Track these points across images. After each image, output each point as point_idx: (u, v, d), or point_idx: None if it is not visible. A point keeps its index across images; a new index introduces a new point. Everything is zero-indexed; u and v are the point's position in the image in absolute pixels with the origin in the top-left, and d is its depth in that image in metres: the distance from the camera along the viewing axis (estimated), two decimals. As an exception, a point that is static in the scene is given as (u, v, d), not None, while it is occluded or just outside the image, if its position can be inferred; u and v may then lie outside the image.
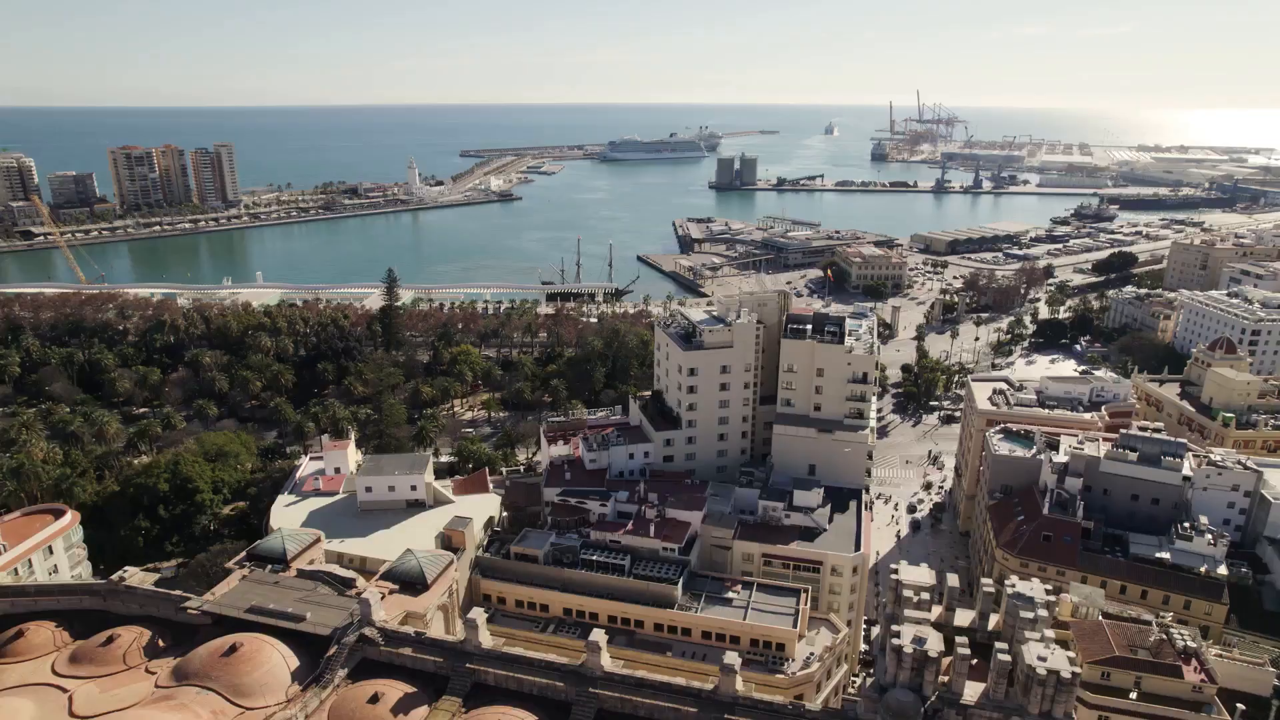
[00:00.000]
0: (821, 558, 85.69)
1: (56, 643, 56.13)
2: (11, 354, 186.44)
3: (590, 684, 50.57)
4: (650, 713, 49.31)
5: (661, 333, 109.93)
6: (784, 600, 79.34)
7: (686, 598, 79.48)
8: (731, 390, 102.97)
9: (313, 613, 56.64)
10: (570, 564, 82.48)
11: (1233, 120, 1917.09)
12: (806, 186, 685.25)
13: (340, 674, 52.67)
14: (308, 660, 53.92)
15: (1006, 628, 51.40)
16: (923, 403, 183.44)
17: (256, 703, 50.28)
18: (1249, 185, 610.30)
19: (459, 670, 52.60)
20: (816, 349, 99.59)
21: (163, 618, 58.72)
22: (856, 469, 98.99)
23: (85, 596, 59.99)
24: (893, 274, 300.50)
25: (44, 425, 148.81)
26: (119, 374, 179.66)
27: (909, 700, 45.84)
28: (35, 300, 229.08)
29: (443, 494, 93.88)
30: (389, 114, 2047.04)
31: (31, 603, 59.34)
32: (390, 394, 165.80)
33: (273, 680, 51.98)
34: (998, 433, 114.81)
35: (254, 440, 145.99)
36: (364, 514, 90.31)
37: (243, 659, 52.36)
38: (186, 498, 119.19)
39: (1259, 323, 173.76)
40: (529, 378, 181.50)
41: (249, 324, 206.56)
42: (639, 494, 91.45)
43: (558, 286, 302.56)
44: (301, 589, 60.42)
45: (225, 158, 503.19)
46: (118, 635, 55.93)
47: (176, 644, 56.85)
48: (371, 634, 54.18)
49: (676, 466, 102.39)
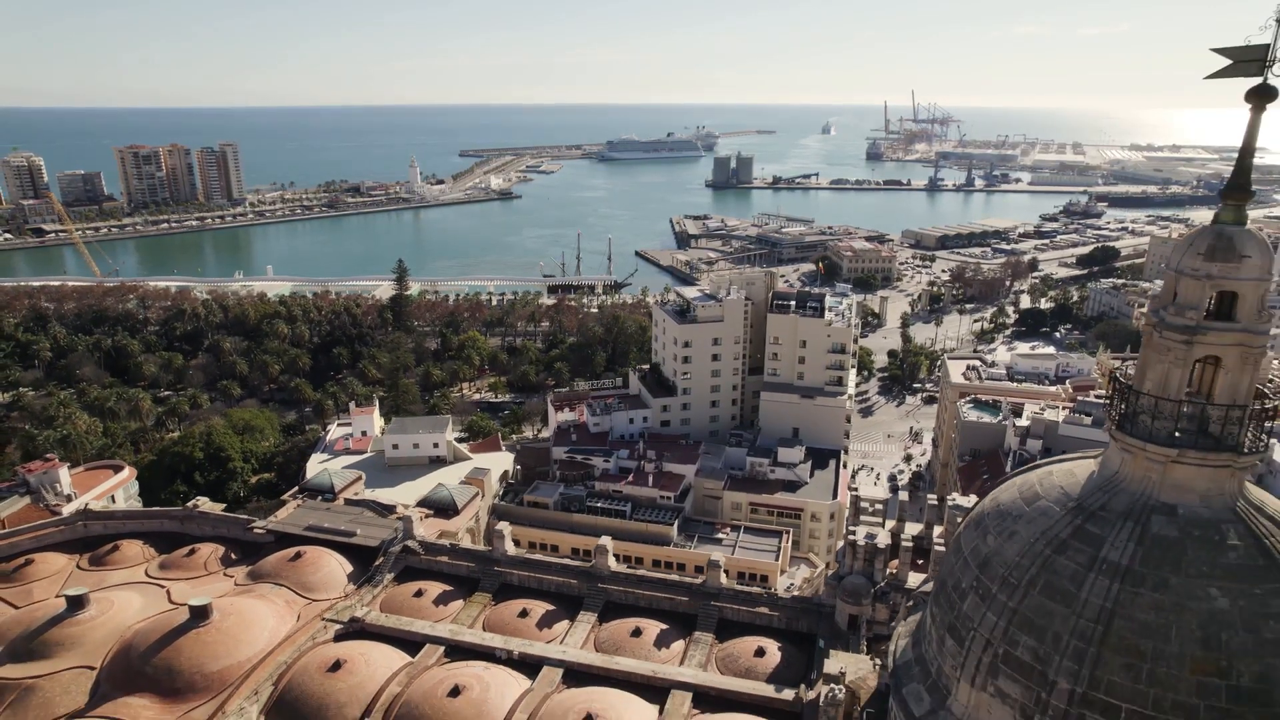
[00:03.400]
0: (802, 505, 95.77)
1: (145, 555, 66.00)
2: (41, 340, 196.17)
3: (599, 581, 60.42)
4: (650, 602, 59.16)
5: (659, 310, 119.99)
6: (768, 540, 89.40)
7: (681, 538, 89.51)
8: (722, 361, 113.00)
9: (361, 530, 66.57)
10: (577, 510, 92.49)
11: (1228, 120, 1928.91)
12: (802, 185, 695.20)
13: (388, 577, 62.52)
14: (359, 567, 63.82)
15: (947, 533, 61.38)
16: (906, 385, 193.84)
17: (320, 596, 60.17)
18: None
19: (488, 572, 62.48)
20: (799, 322, 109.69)
21: (232, 537, 68.55)
22: (836, 431, 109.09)
23: (165, 520, 69.83)
24: (882, 267, 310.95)
25: (79, 404, 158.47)
26: (144, 359, 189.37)
27: (862, 584, 55.77)
28: (59, 291, 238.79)
29: (461, 451, 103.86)
30: (387, 114, 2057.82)
31: (120, 525, 69.19)
32: (403, 374, 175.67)
33: (332, 580, 61.90)
34: (968, 402, 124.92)
35: (277, 417, 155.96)
36: (391, 468, 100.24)
37: (306, 563, 62.30)
38: (219, 465, 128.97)
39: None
40: (533, 362, 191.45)
41: (265, 312, 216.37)
42: (639, 451, 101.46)
43: (559, 280, 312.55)
44: (350, 513, 70.35)
45: (230, 156, 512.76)
46: (198, 549, 65.88)
47: (245, 557, 66.71)
48: (413, 545, 64.03)
49: (672, 430, 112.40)
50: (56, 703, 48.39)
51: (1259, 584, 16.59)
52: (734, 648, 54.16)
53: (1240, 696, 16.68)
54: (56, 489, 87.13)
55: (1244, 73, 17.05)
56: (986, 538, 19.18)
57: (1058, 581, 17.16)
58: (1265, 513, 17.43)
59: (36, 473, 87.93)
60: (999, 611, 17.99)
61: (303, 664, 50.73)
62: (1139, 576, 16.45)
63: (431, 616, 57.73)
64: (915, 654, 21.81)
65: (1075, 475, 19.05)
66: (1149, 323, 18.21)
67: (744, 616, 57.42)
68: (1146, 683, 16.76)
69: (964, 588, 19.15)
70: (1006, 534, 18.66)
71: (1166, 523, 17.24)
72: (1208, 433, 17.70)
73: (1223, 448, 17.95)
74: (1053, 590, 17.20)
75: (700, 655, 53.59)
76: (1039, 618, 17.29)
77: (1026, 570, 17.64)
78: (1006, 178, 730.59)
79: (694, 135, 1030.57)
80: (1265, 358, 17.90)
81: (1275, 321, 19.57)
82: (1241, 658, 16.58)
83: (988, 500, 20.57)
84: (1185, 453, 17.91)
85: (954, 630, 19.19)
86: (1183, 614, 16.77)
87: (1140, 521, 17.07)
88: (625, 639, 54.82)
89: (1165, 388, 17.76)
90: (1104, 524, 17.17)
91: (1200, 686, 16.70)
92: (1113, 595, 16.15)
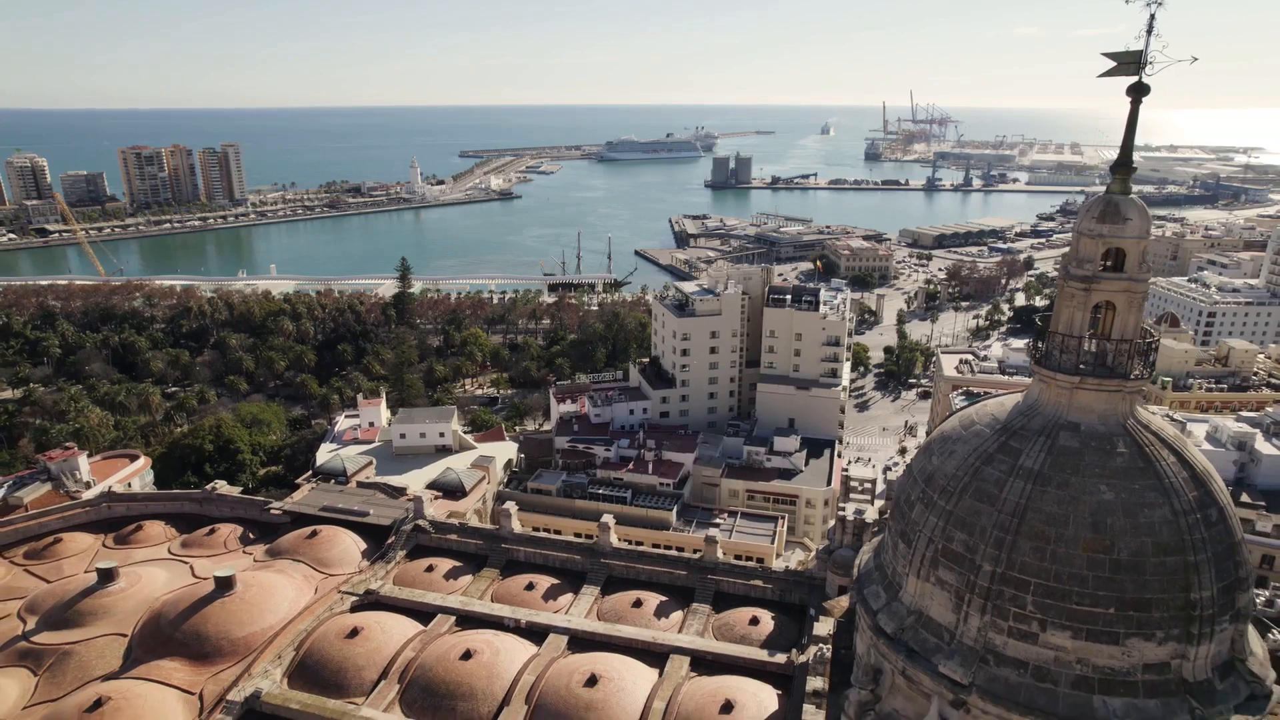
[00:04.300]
0: (797, 492, 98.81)
1: (167, 535, 68.99)
2: (50, 337, 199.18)
3: (602, 556, 63.45)
4: (650, 576, 62.17)
5: (658, 304, 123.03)
6: (764, 525, 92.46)
7: (680, 523, 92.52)
8: (720, 354, 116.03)
9: (374, 510, 69.62)
10: (580, 496, 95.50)
11: (1226, 120, 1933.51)
12: (800, 185, 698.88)
13: (400, 554, 65.49)
14: (373, 544, 66.83)
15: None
16: (902, 380, 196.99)
17: (336, 571, 63.18)
18: (1231, 183, 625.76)
19: (496, 549, 65.50)
20: (795, 316, 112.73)
21: (249, 518, 71.52)
22: (830, 421, 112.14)
23: (185, 502, 72.83)
24: (879, 266, 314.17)
25: (89, 399, 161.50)
26: (152, 355, 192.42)
27: (851, 556, 58.67)
28: (66, 290, 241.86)
29: (467, 441, 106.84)
30: (386, 115, 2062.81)
31: (143, 506, 72.17)
32: (407, 370, 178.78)
33: (347, 556, 64.94)
34: (960, 394, 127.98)
35: (283, 411, 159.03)
36: (398, 457, 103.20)
37: (322, 540, 65.37)
38: (229, 457, 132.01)
39: (1214, 305, 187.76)
40: (535, 358, 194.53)
41: (270, 310, 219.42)
42: (639, 441, 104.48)
43: (559, 278, 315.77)
44: (362, 495, 73.38)
45: (232, 157, 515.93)
46: (217, 528, 68.90)
47: (263, 537, 69.71)
48: (424, 524, 67.00)
49: (671, 421, 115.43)
50: (93, 665, 51.45)
51: (1137, 481, 20.43)
52: (730, 617, 57.20)
53: (1119, 568, 20.44)
54: (76, 476, 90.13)
55: (1124, 73, 21.21)
56: (931, 458, 22.80)
57: (985, 486, 20.97)
58: (1150, 429, 21.54)
59: (57, 460, 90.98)
60: (939, 515, 21.71)
61: (322, 631, 53.76)
62: (1047, 478, 20.36)
63: (442, 590, 60.73)
64: (875, 563, 25.35)
65: (1005, 405, 22.78)
66: (1060, 276, 22.02)
67: (739, 589, 60.43)
68: (1050, 560, 20.47)
69: (913, 500, 22.80)
70: (947, 453, 22.42)
71: (1071, 436, 21.24)
72: (1105, 364, 21.32)
73: (1115, 375, 22.26)
74: (981, 494, 20.98)
75: (698, 624, 56.62)
76: (970, 516, 21.07)
77: (961, 479, 21.41)
78: (1004, 178, 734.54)
79: (693, 136, 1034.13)
80: (1146, 301, 21.47)
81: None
82: (1121, 537, 20.17)
83: (935, 431, 23.99)
84: (1086, 380, 22.29)
85: (905, 535, 22.84)
86: (1078, 505, 20.51)
87: (1051, 436, 21.08)
88: (627, 609, 57.88)
89: (1071, 328, 21.52)
90: (1023, 439, 21.16)
91: (1090, 561, 20.58)
92: (1026, 494, 20.26)
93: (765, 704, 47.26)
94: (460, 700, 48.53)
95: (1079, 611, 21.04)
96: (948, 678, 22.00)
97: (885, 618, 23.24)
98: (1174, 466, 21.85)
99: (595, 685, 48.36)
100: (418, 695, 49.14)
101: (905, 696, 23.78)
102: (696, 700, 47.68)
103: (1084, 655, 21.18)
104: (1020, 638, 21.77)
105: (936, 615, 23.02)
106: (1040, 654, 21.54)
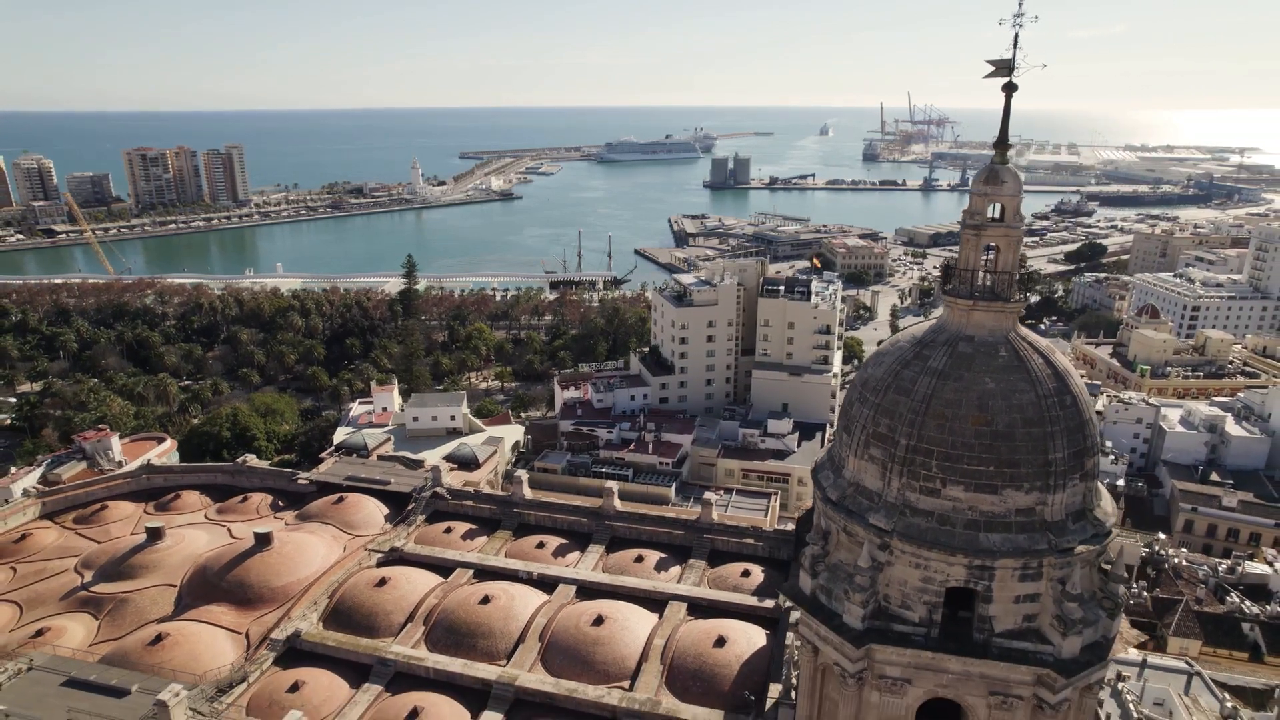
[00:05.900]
0: (790, 471, 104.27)
1: (203, 503, 74.56)
2: (66, 333, 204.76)
3: (606, 519, 69.00)
4: (651, 536, 67.71)
5: (657, 296, 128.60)
6: (758, 501, 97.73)
7: (679, 499, 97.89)
8: (717, 342, 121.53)
9: (395, 479, 75.14)
10: (584, 475, 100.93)
11: (1224, 120, 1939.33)
12: (799, 185, 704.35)
13: (420, 518, 70.98)
14: (394, 510, 72.39)
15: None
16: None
17: (362, 533, 68.72)
18: (1225, 183, 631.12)
19: (508, 513, 71.00)
20: (788, 306, 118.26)
21: (278, 488, 77.07)
22: (822, 405, 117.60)
23: (218, 474, 78.39)
24: (875, 263, 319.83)
25: (109, 390, 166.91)
26: (165, 349, 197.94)
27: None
28: (79, 288, 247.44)
29: (476, 424, 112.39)
30: (387, 117, 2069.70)
31: (179, 478, 77.70)
32: (415, 362, 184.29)
33: (371, 520, 70.50)
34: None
35: (295, 402, 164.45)
36: (411, 439, 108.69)
37: (348, 505, 70.94)
38: (245, 445, 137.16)
39: (1198, 299, 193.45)
40: (538, 351, 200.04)
41: (279, 306, 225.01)
42: (639, 423, 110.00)
43: (560, 276, 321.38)
44: (383, 466, 78.92)
45: (235, 158, 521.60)
46: (249, 496, 74.49)
47: (291, 504, 75.27)
48: (441, 491, 72.50)
49: (670, 406, 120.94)
50: (148, 610, 57.04)
51: (1012, 375, 27.77)
52: (724, 571, 62.76)
53: (998, 437, 28.31)
54: (109, 455, 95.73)
55: (1001, 75, 27.64)
56: (867, 369, 29.54)
57: (903, 384, 27.90)
58: (1026, 340, 28.87)
59: (91, 440, 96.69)
60: (870, 407, 28.32)
61: (353, 582, 59.34)
62: (947, 375, 27.20)
63: (460, 549, 66.25)
64: (827, 457, 31.39)
65: (923, 327, 28.43)
66: (962, 224, 28.20)
67: (732, 547, 66.06)
68: (948, 434, 28.26)
69: (852, 400, 29.39)
70: (877, 363, 29.45)
71: (967, 345, 28.35)
72: (993, 291, 27.42)
73: (999, 299, 30.17)
74: (900, 389, 27.79)
75: (694, 577, 62.15)
76: (892, 406, 27.95)
77: (886, 380, 28.09)
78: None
79: (692, 137, 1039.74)
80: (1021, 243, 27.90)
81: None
82: (999, 414, 27.92)
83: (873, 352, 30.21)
84: (978, 303, 30.08)
85: (847, 428, 29.53)
86: (969, 393, 28.08)
87: (952, 345, 28.11)
88: (629, 564, 63.46)
89: (969, 264, 27.45)
90: (932, 349, 28.05)
91: (976, 433, 28.28)
92: (932, 387, 27.26)
93: (754, 640, 52.97)
94: (480, 638, 54.12)
95: (969, 470, 28.40)
96: (876, 526, 29.87)
97: (832, 490, 30.83)
98: (1041, 365, 29.38)
99: (602, 624, 54.01)
100: (442, 635, 54.71)
101: (846, 549, 31.76)
102: (693, 636, 53.37)
103: (973, 503, 28.62)
104: (927, 493, 29.27)
105: (868, 483, 31.06)
106: (941, 505, 29.17)
